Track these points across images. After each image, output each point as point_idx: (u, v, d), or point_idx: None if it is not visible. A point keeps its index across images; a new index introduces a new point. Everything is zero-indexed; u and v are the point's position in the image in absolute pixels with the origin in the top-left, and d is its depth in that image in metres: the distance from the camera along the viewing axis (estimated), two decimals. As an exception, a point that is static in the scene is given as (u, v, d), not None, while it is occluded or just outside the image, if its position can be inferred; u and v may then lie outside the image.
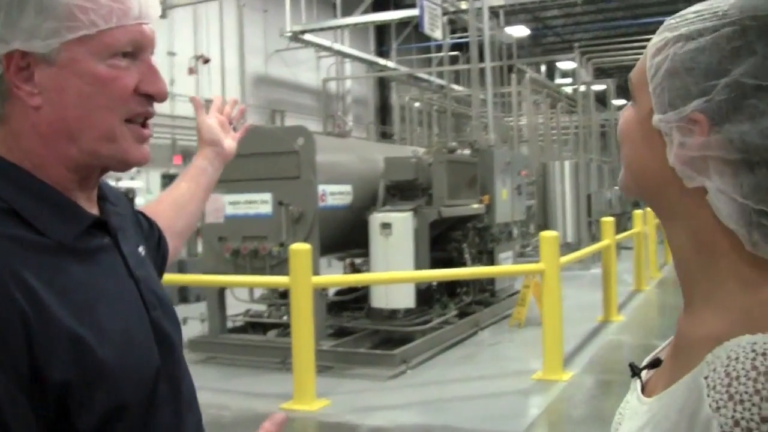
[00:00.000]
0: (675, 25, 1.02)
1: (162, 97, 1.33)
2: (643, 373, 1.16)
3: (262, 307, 10.51)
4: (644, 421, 1.03)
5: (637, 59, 1.07)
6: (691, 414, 0.91)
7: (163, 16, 13.53)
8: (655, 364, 1.15)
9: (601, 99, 30.32)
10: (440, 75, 25.39)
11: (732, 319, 0.96)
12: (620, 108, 31.49)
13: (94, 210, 1.36)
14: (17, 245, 1.17)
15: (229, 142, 2.13)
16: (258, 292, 10.64)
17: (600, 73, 35.76)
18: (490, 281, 11.74)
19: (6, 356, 1.08)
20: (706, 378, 0.91)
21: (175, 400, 1.36)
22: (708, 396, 0.89)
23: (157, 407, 1.30)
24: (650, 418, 1.02)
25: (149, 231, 1.67)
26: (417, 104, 23.47)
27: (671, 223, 1.06)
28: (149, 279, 1.41)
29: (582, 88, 26.36)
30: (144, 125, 1.34)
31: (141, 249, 1.47)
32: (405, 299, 9.49)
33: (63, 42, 1.23)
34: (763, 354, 0.88)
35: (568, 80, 32.10)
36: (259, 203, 9.54)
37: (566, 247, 14.65)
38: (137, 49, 1.30)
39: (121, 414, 1.21)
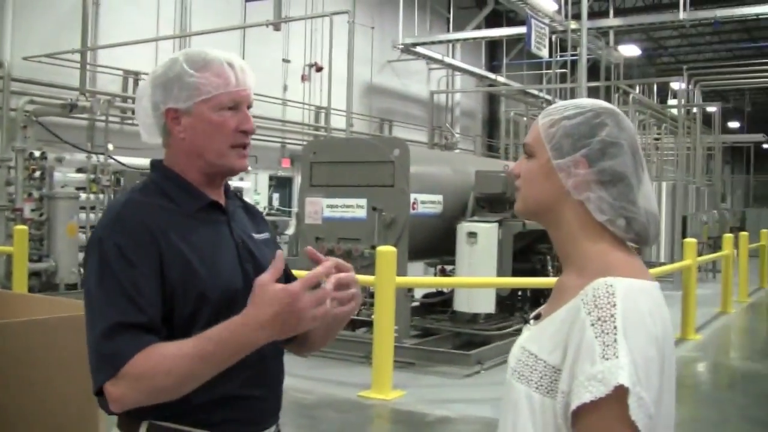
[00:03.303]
0: (553, 112, 1.77)
1: (251, 132, 2.15)
2: (531, 322, 1.80)
3: (353, 306, 11.09)
4: (528, 335, 1.73)
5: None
6: (572, 320, 1.58)
7: (278, 28, 14.35)
8: (537, 317, 1.80)
9: (708, 121, 29.86)
10: (549, 92, 25.66)
11: (593, 273, 1.62)
12: (726, 131, 31.96)
13: (220, 200, 2.18)
14: (162, 209, 2.06)
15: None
16: (351, 292, 11.21)
17: (714, 95, 35.34)
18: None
19: (151, 264, 1.95)
20: (582, 300, 1.57)
21: None
22: (583, 307, 1.56)
23: (233, 314, 2.05)
24: (534, 331, 1.71)
25: (265, 226, 2.40)
26: (524, 119, 23.85)
27: (556, 226, 1.77)
28: (251, 245, 2.18)
29: (694, 109, 26.33)
30: (244, 147, 2.16)
31: (255, 235, 2.23)
32: (485, 304, 10.04)
33: (194, 102, 2.09)
34: (611, 285, 1.56)
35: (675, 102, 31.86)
36: (355, 208, 10.23)
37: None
38: (236, 104, 2.12)
39: (205, 306, 1.99)
